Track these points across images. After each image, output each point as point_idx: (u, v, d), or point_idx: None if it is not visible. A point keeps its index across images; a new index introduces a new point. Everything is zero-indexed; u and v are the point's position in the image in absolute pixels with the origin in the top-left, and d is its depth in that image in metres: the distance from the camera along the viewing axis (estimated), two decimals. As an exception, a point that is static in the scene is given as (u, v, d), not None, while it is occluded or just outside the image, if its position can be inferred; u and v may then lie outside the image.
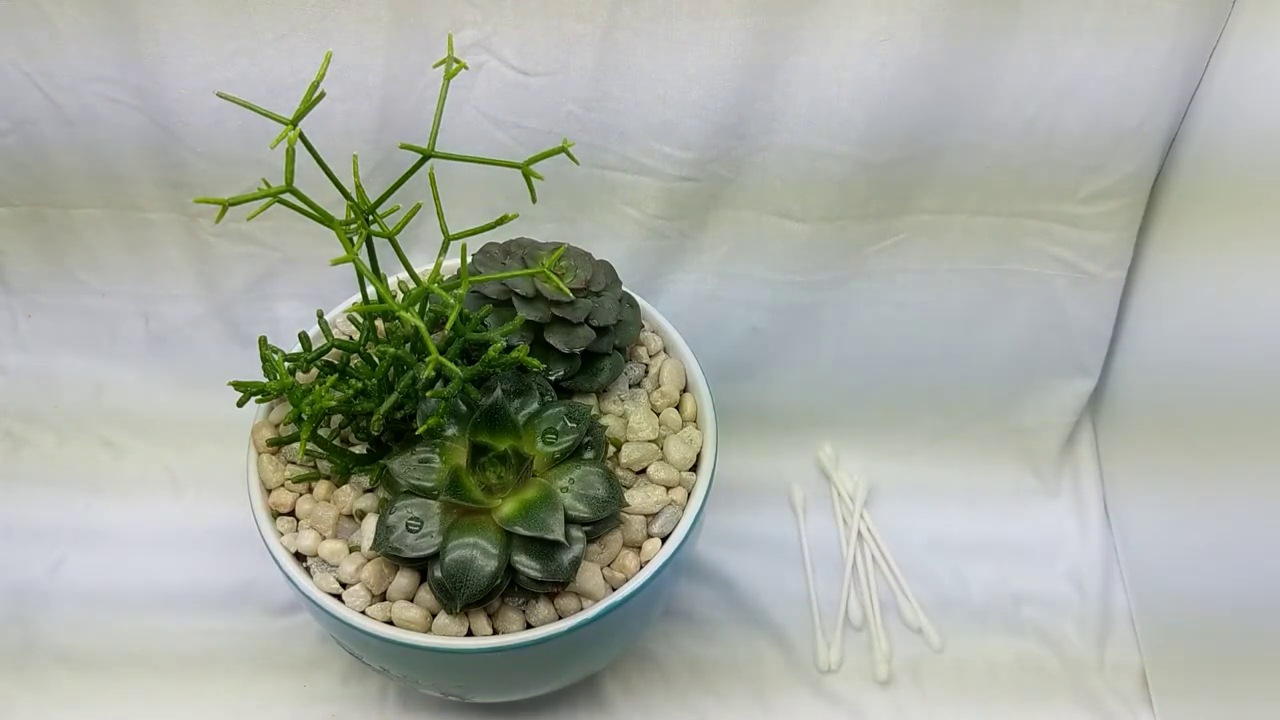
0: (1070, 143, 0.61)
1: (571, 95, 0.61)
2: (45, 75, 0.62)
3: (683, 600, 0.66)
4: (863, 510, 0.70)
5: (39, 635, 0.64)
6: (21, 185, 0.68)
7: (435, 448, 0.47)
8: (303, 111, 0.40)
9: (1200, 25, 0.56)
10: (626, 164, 0.63)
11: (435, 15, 0.59)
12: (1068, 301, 0.67)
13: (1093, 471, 0.72)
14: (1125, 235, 0.64)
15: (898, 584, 0.67)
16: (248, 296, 0.72)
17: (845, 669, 0.64)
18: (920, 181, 0.63)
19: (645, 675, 0.63)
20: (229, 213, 0.41)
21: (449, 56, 0.43)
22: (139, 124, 0.64)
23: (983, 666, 0.64)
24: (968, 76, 0.58)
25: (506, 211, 0.44)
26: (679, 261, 0.68)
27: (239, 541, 0.64)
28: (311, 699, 0.62)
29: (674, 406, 0.54)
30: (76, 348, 0.75)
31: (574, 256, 0.54)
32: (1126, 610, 0.66)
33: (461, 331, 0.47)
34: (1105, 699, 0.62)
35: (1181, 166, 0.61)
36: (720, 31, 0.57)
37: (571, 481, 0.46)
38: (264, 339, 0.47)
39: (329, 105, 0.51)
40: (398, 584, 0.47)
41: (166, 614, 0.65)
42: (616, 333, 0.53)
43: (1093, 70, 0.58)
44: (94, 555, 0.67)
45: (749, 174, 0.63)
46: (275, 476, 0.51)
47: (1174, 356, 0.62)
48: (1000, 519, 0.70)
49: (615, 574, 0.48)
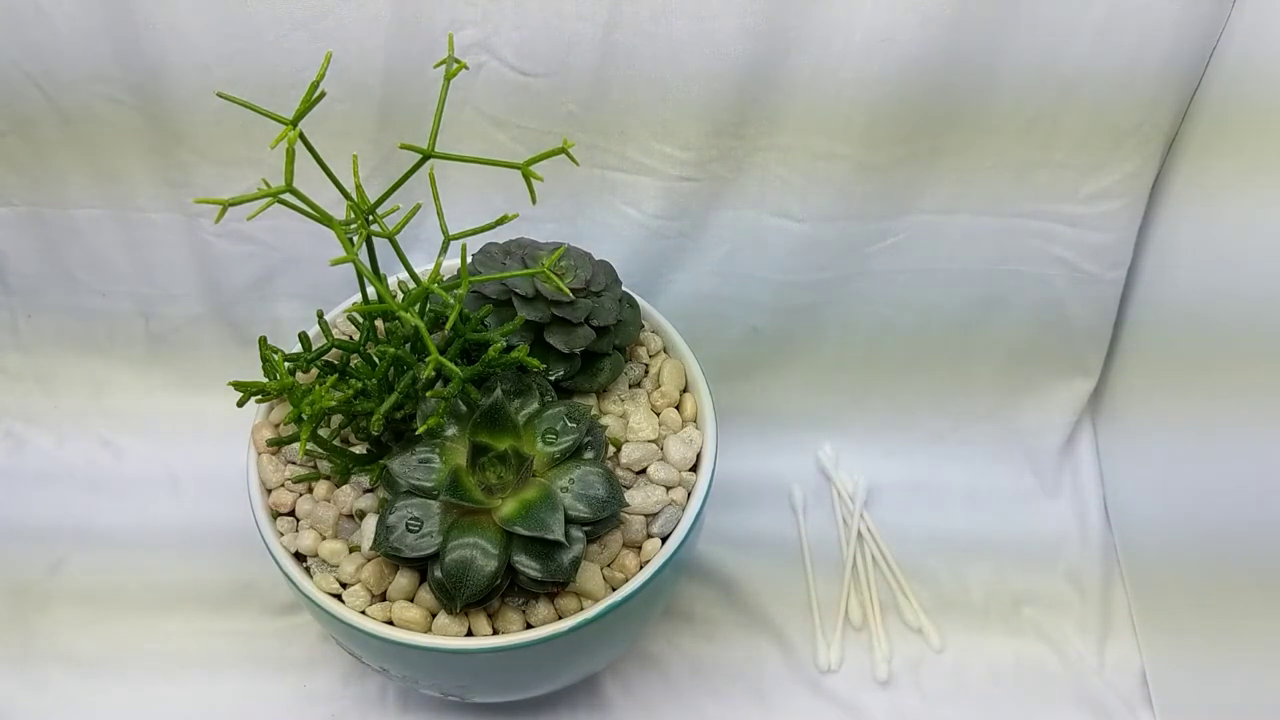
0: (1070, 143, 0.61)
1: (571, 95, 0.61)
2: (45, 75, 0.62)
3: (683, 600, 0.66)
4: (863, 510, 0.70)
5: (39, 635, 0.64)
6: (21, 185, 0.68)
7: (435, 448, 0.47)
8: (303, 111, 0.40)
9: (1201, 25, 0.56)
10: (626, 164, 0.63)
11: (435, 15, 0.59)
12: (1068, 301, 0.67)
13: (1093, 471, 0.72)
14: (1125, 235, 0.64)
15: (898, 584, 0.67)
16: (248, 296, 0.72)
17: (845, 669, 0.63)
18: (920, 181, 0.63)
19: (645, 675, 0.63)
20: (229, 213, 0.41)
21: (449, 56, 0.43)
22: (139, 124, 0.64)
23: (983, 666, 0.64)
24: (968, 77, 0.58)
25: (506, 211, 0.44)
26: (679, 261, 0.68)
27: (239, 541, 0.64)
28: (311, 699, 0.62)
29: (674, 406, 0.54)
30: (76, 348, 0.75)
31: (574, 256, 0.54)
32: (1126, 610, 0.66)
33: (461, 331, 0.47)
34: (1105, 699, 0.62)
35: (1182, 167, 0.61)
36: (720, 31, 0.57)
37: (571, 481, 0.46)
38: (264, 339, 0.47)
39: (329, 105, 0.51)
40: (398, 584, 0.47)
41: (166, 614, 0.65)
42: (616, 333, 0.53)
43: (1093, 70, 0.58)
44: (94, 555, 0.67)
45: (749, 174, 0.63)
46: (275, 476, 0.51)
47: (1175, 356, 0.62)
48: (1000, 519, 0.70)
49: (615, 574, 0.48)
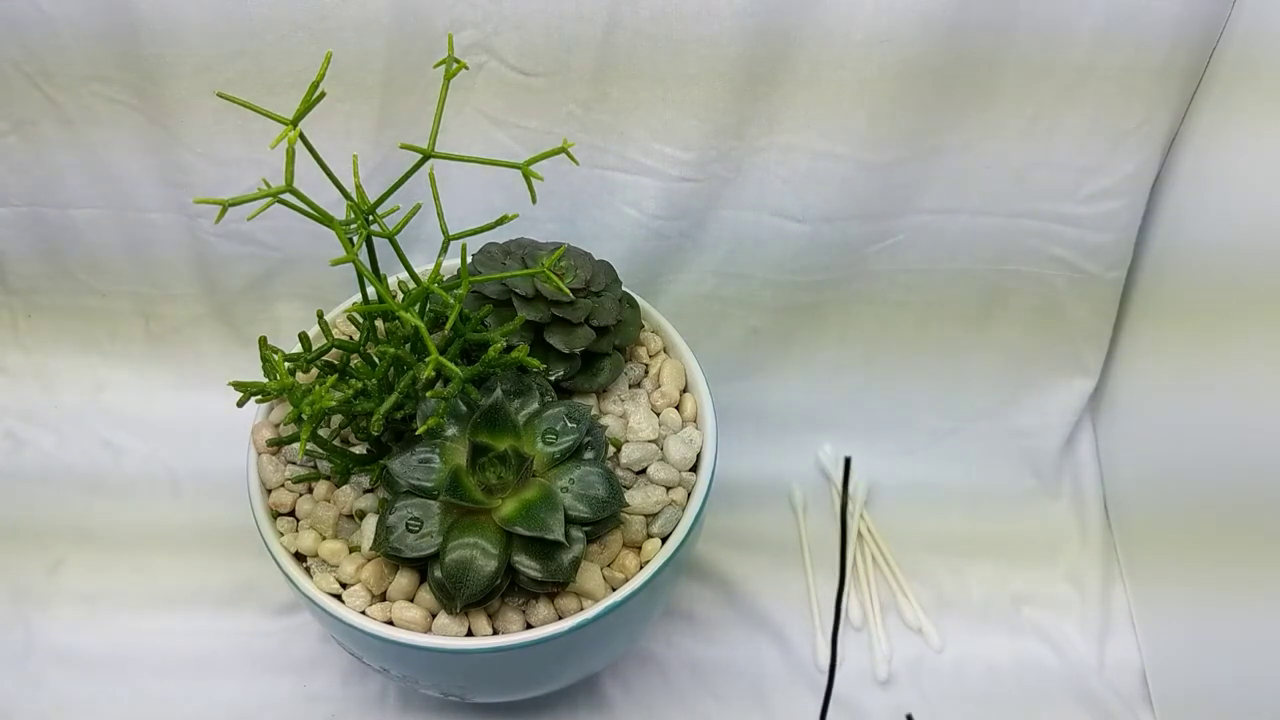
0: (1070, 143, 0.61)
1: (571, 95, 0.61)
2: (45, 75, 0.62)
3: (683, 600, 0.66)
4: (863, 510, 0.70)
5: (39, 635, 0.64)
6: (21, 185, 0.68)
7: (435, 448, 0.47)
8: (303, 111, 0.40)
9: (1200, 24, 0.56)
10: (626, 164, 0.63)
11: (435, 15, 0.59)
12: (1068, 301, 0.67)
13: (1093, 471, 0.72)
14: (1125, 235, 0.64)
15: (898, 584, 0.67)
16: (248, 296, 0.72)
17: (845, 669, 0.64)
18: (920, 181, 0.63)
19: (645, 675, 0.63)
20: (229, 213, 0.41)
21: (449, 56, 0.43)
22: (139, 124, 0.64)
23: (983, 666, 0.64)
24: (967, 77, 0.58)
25: (506, 211, 0.44)
26: (679, 261, 0.68)
27: (239, 541, 0.64)
28: (311, 699, 0.62)
29: (674, 406, 0.54)
30: (76, 348, 0.75)
31: (574, 256, 0.54)
32: (1126, 610, 0.66)
33: (461, 331, 0.47)
34: (1105, 699, 0.62)
35: (1181, 167, 0.61)
36: (720, 32, 0.57)
37: (571, 481, 0.46)
38: (264, 339, 0.47)
39: (329, 105, 0.51)
40: (398, 584, 0.47)
41: (166, 614, 0.65)
42: (616, 333, 0.53)
43: (1093, 70, 0.58)
44: (94, 555, 0.67)
45: (749, 174, 0.63)
46: (275, 476, 0.51)
47: (1175, 356, 0.62)
48: (1000, 519, 0.70)
49: (615, 574, 0.48)
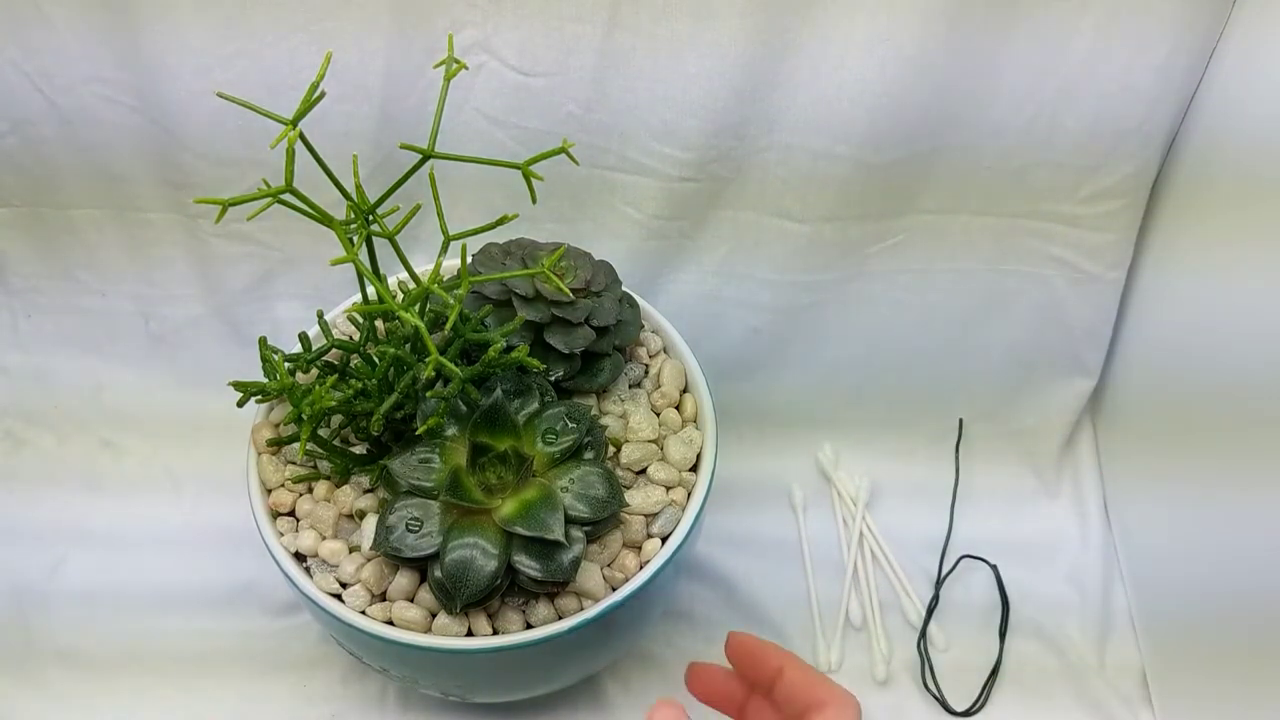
0: (1070, 143, 0.61)
1: (571, 95, 0.61)
2: (45, 75, 0.62)
3: (683, 600, 0.66)
4: (863, 510, 0.70)
5: (39, 635, 0.64)
6: (21, 185, 0.68)
7: (435, 448, 0.47)
8: (303, 111, 0.40)
9: (1200, 25, 0.56)
10: (626, 164, 0.63)
11: (435, 15, 0.59)
12: (1068, 301, 0.67)
13: (1093, 471, 0.72)
14: (1125, 235, 0.64)
15: (898, 584, 0.67)
16: (248, 296, 0.72)
17: (845, 669, 0.63)
18: (920, 181, 0.63)
19: (645, 675, 0.63)
20: (229, 213, 0.41)
21: (449, 56, 0.43)
22: (138, 124, 0.64)
23: (983, 666, 0.64)
24: (968, 77, 0.58)
25: (506, 211, 0.44)
26: (679, 261, 0.68)
27: (239, 541, 0.64)
28: (311, 699, 0.62)
29: (674, 406, 0.54)
30: (76, 348, 0.75)
31: (574, 256, 0.54)
32: (1126, 610, 0.66)
33: (461, 331, 0.47)
34: (1105, 699, 0.62)
35: (1182, 166, 0.61)
36: (720, 31, 0.57)
37: (571, 481, 0.46)
38: (264, 339, 0.47)
39: (329, 105, 0.51)
40: (398, 584, 0.47)
41: (166, 614, 0.64)
42: (616, 333, 0.53)
43: (1093, 70, 0.58)
44: (94, 555, 0.67)
45: (749, 174, 0.63)
46: (275, 476, 0.51)
47: (1174, 356, 0.62)
48: (1000, 519, 0.70)
49: (615, 574, 0.48)
